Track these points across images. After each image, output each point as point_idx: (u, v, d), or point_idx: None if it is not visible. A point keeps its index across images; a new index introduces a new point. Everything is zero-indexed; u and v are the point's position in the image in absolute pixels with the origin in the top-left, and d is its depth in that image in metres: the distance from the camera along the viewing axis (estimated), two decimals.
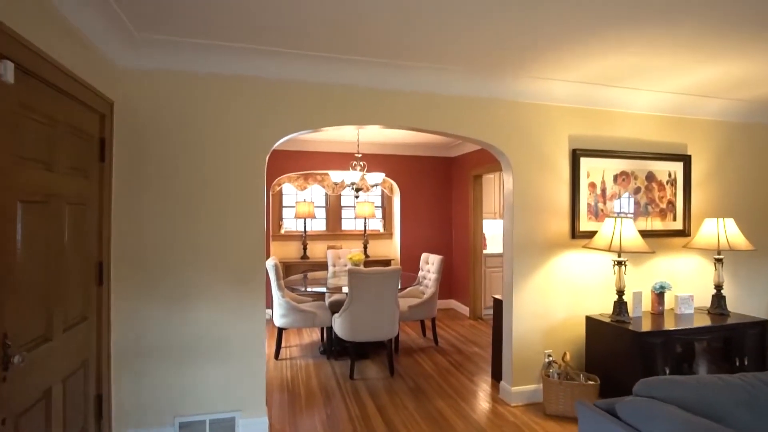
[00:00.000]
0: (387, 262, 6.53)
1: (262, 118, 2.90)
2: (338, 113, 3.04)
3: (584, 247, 3.43)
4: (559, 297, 3.51)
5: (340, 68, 2.93)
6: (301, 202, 6.33)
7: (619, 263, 3.25)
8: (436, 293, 4.77)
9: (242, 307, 2.86)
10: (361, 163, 4.84)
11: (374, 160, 6.44)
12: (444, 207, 6.86)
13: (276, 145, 3.01)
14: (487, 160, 5.78)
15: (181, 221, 2.79)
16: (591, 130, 3.60)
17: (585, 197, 3.57)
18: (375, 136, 5.79)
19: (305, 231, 6.46)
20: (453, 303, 6.78)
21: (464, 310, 6.39)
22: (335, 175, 4.69)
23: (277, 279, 4.30)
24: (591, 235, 3.51)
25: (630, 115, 3.69)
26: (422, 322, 5.14)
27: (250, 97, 2.88)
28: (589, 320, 3.44)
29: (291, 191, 6.74)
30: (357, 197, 4.71)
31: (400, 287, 4.40)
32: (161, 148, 2.76)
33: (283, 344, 4.85)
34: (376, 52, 2.78)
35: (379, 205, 7.11)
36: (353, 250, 5.74)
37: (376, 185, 4.72)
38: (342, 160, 6.22)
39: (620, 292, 3.26)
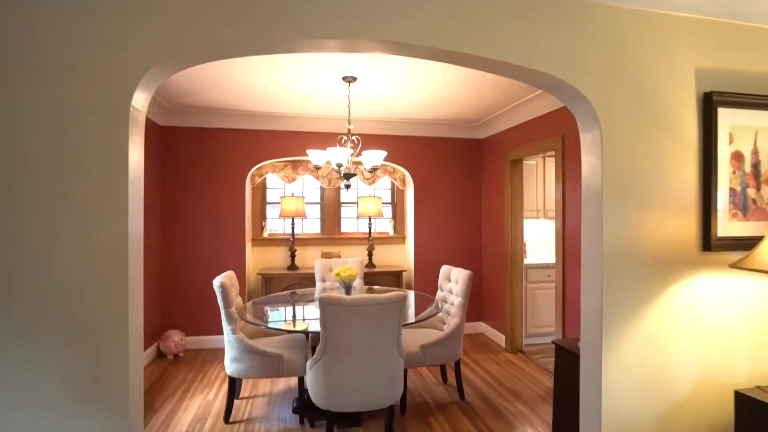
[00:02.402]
0: (397, 275, 5.07)
1: (107, 27, 1.51)
2: (288, 17, 1.62)
3: (734, 266, 1.90)
4: (683, 353, 2.00)
5: None
6: (287, 197, 4.94)
7: None
8: (462, 325, 3.30)
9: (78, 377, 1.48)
10: (354, 138, 3.41)
11: (380, 142, 4.99)
12: (471, 203, 5.35)
13: (158, 83, 1.63)
14: (529, 139, 4.27)
15: None
16: (734, 60, 2.08)
17: (726, 177, 2.05)
18: (380, 108, 4.34)
19: (293, 234, 5.07)
20: (482, 327, 5.27)
21: (498, 338, 4.87)
22: (315, 156, 3.27)
23: (226, 307, 2.90)
24: (739, 244, 2.00)
25: None
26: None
27: None
28: (743, 399, 1.91)
29: (277, 183, 5.37)
30: (348, 187, 3.28)
31: (413, 320, 2.97)
32: None
33: (244, 394, 3.45)
34: None
35: (389, 201, 5.67)
36: (350, 260, 4.31)
37: (375, 170, 3.27)
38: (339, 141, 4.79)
39: None
